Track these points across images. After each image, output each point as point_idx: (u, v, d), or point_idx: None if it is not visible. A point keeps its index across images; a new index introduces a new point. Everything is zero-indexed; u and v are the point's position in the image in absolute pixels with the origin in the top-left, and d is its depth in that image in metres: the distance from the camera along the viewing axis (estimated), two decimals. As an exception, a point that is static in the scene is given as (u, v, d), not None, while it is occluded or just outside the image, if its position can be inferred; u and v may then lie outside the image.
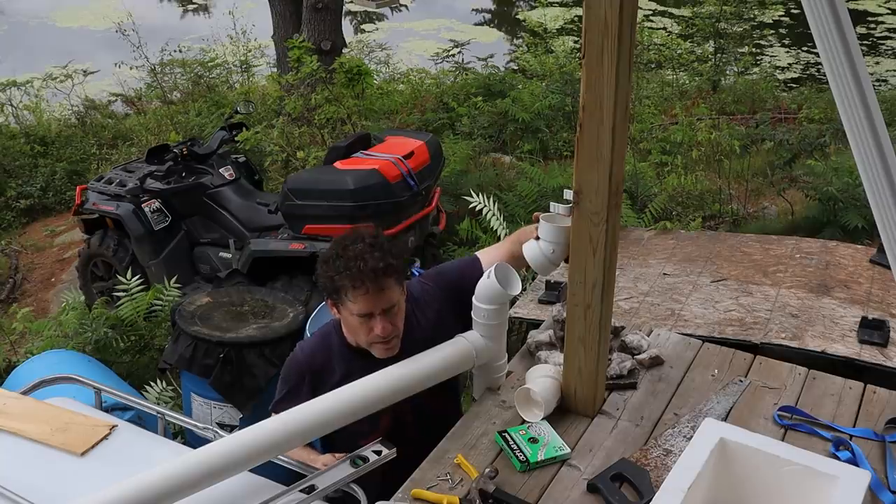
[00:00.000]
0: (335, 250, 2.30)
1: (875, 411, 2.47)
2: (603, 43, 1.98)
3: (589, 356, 2.37)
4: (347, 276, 2.24)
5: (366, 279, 2.23)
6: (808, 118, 7.27)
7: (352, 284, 2.25)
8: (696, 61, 10.19)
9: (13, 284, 6.54)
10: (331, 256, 2.31)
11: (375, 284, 2.25)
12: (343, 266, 2.25)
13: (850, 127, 1.74)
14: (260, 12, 9.57)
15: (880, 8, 14.00)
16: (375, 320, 2.30)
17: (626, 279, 3.99)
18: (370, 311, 2.28)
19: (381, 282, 2.26)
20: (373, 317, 2.29)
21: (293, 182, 4.96)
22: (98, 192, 5.41)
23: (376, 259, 2.25)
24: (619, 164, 2.15)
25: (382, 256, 2.26)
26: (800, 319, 3.48)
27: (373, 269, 2.23)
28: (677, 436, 2.39)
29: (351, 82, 6.81)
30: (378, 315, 2.29)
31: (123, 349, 4.58)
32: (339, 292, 2.28)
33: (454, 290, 2.53)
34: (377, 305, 2.28)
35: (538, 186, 5.95)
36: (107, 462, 2.35)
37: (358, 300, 2.26)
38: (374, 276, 2.24)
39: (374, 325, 2.30)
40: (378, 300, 2.27)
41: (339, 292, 2.28)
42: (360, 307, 2.27)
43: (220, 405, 3.72)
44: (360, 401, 2.23)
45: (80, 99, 9.72)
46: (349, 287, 2.25)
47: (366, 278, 2.23)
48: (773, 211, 6.36)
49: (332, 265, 2.28)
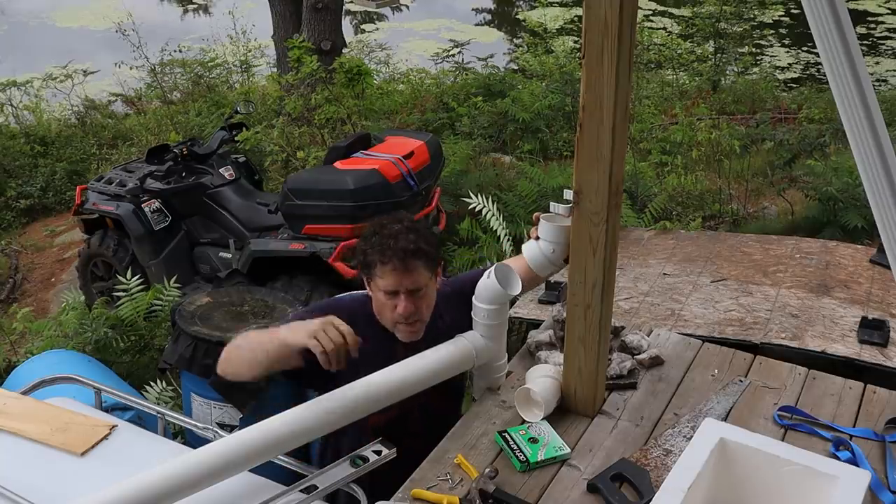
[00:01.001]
0: (374, 228, 2.40)
1: (875, 411, 2.47)
2: (603, 43, 1.98)
3: (589, 356, 2.37)
4: (378, 251, 2.33)
5: (394, 256, 2.31)
6: (808, 118, 7.28)
7: (380, 259, 2.32)
8: (696, 61, 10.20)
9: (13, 284, 6.54)
10: (369, 234, 2.40)
11: (403, 263, 2.32)
12: (377, 242, 2.35)
13: (850, 127, 1.74)
14: (260, 12, 9.57)
15: (880, 8, 14.00)
16: (400, 299, 2.35)
17: (626, 279, 3.99)
18: (396, 289, 2.34)
19: (409, 262, 2.32)
20: (398, 295, 2.35)
21: (293, 182, 4.96)
22: (98, 192, 5.41)
23: (409, 241, 2.33)
24: (619, 164, 2.15)
25: (415, 239, 2.34)
26: (800, 319, 3.48)
27: (403, 248, 2.32)
28: (677, 436, 2.39)
29: (351, 82, 6.81)
30: (403, 294, 2.34)
31: (123, 349, 4.57)
32: (370, 267, 2.36)
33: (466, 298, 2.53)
34: (402, 284, 2.33)
35: (538, 186, 5.96)
36: (107, 462, 2.34)
37: (385, 276, 2.33)
38: (403, 255, 2.31)
39: (399, 303, 2.35)
40: (404, 278, 2.33)
41: (370, 267, 2.36)
42: (386, 283, 2.34)
43: (220, 405, 3.72)
44: (362, 400, 2.22)
45: (80, 99, 9.72)
46: (378, 262, 2.33)
47: (395, 255, 2.31)
48: (773, 211, 6.36)
49: (369, 241, 2.37)
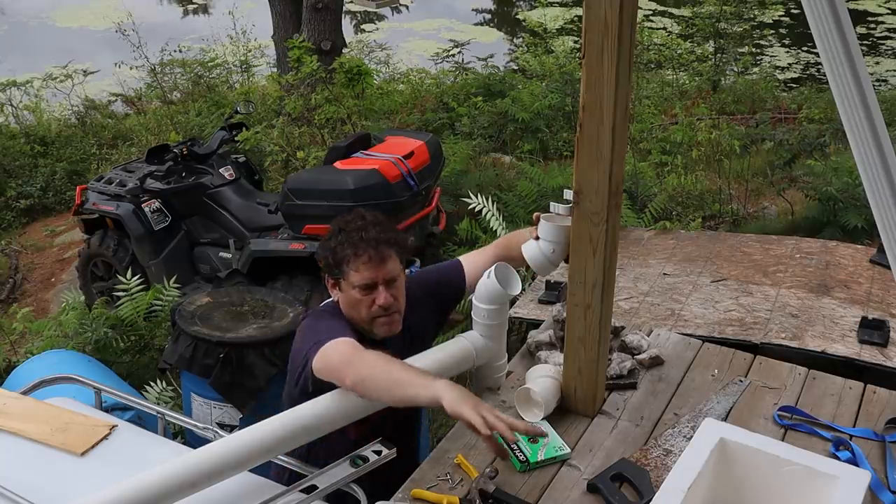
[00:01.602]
0: (337, 226, 2.36)
1: (875, 411, 2.47)
2: (603, 43, 1.98)
3: (589, 356, 2.37)
4: (349, 245, 2.29)
5: (368, 246, 2.28)
6: (808, 118, 7.27)
7: (354, 252, 2.28)
8: (696, 61, 10.19)
9: (13, 284, 6.54)
10: (332, 233, 2.35)
11: (377, 252, 2.28)
12: (345, 238, 2.30)
13: (850, 127, 1.74)
14: (260, 12, 9.57)
15: (880, 8, 14.00)
16: (378, 291, 2.30)
17: (626, 279, 3.99)
18: (373, 280, 2.29)
19: (382, 251, 2.29)
20: (375, 287, 2.30)
21: (293, 182, 4.96)
22: (98, 192, 5.41)
23: (377, 231, 2.31)
24: (619, 164, 2.15)
25: (384, 230, 2.32)
26: (800, 319, 3.48)
27: (375, 238, 2.29)
28: (677, 436, 2.39)
29: (351, 82, 6.81)
30: (381, 285, 2.30)
31: (123, 349, 4.57)
32: (340, 265, 2.31)
33: (432, 294, 2.54)
34: (379, 274, 2.29)
35: (538, 186, 5.95)
36: (107, 462, 2.34)
37: (360, 269, 2.28)
38: (377, 244, 2.28)
39: (377, 295, 2.30)
40: (380, 269, 2.29)
41: (340, 265, 2.31)
42: (361, 276, 2.28)
43: (220, 405, 3.72)
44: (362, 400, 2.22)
45: (80, 99, 9.72)
46: (351, 256, 2.29)
47: (368, 246, 2.28)
48: (773, 211, 6.36)
49: (336, 238, 2.33)
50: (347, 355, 2.17)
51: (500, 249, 2.56)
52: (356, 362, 2.14)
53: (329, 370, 2.19)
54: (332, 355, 2.19)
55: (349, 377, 2.13)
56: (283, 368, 3.67)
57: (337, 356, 2.18)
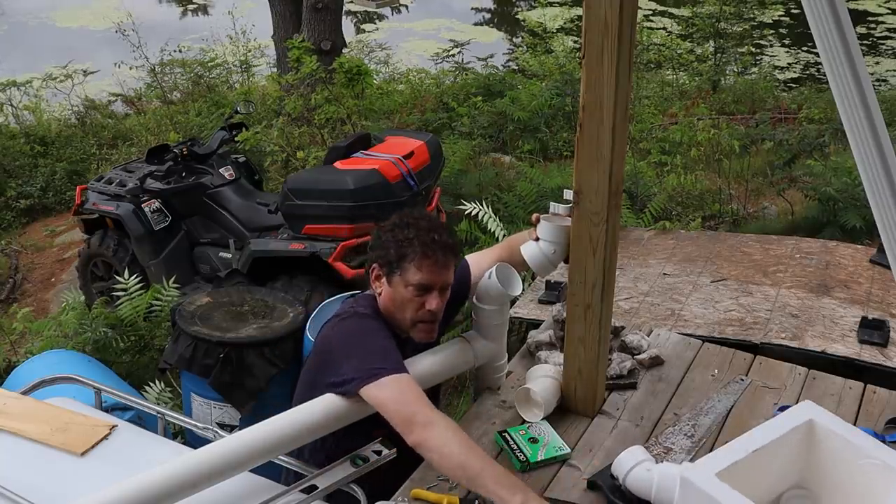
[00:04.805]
0: (404, 220, 2.29)
1: (875, 411, 2.47)
2: (603, 43, 1.99)
3: (589, 356, 2.38)
4: (419, 242, 2.23)
5: (437, 249, 2.24)
6: (808, 118, 7.28)
7: (423, 251, 2.23)
8: (695, 61, 10.20)
9: (13, 284, 6.54)
10: (398, 224, 2.28)
11: (444, 257, 2.25)
12: (415, 234, 2.25)
13: (850, 127, 1.74)
14: (260, 12, 9.57)
15: (880, 8, 14.00)
16: (432, 295, 2.26)
17: (626, 279, 3.99)
18: (432, 283, 2.25)
19: (448, 258, 2.27)
20: (430, 291, 2.26)
21: (293, 182, 4.96)
22: (98, 192, 5.41)
23: (446, 236, 2.28)
24: (619, 164, 2.15)
25: (450, 236, 2.30)
26: (800, 319, 3.48)
27: (444, 242, 2.26)
28: (678, 433, 2.39)
29: (351, 82, 6.81)
30: (436, 290, 2.27)
31: (123, 349, 4.57)
32: (401, 260, 2.24)
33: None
34: (439, 279, 2.26)
35: (538, 187, 5.95)
36: (107, 462, 2.34)
37: (423, 269, 2.23)
38: (445, 250, 2.25)
39: (429, 300, 2.26)
40: (441, 274, 2.26)
41: (401, 260, 2.24)
42: (422, 276, 2.23)
43: (220, 405, 3.72)
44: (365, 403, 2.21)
45: (80, 99, 9.71)
46: (419, 254, 2.23)
47: (438, 249, 2.24)
48: (773, 211, 6.36)
49: (402, 231, 2.26)
50: (414, 407, 2.07)
51: (504, 251, 2.56)
52: (429, 427, 2.04)
53: (386, 411, 2.11)
54: (393, 397, 2.10)
55: (415, 435, 2.04)
56: (283, 368, 3.68)
57: (400, 404, 2.09)
